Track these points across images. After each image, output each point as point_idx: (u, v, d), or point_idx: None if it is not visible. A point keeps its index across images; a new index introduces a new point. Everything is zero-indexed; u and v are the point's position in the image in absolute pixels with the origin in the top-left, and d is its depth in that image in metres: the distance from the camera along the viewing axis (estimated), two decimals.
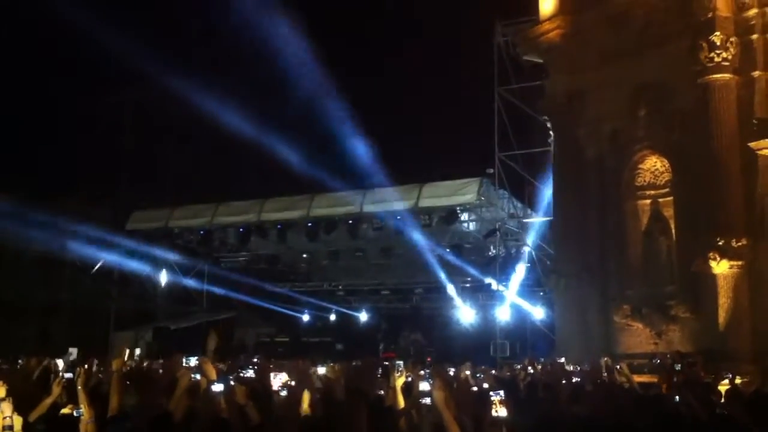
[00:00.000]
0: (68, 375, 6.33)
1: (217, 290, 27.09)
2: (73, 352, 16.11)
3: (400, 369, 6.78)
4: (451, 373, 10.24)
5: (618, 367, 11.15)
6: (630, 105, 18.21)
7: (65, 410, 6.00)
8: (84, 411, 5.65)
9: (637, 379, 11.14)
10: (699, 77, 16.44)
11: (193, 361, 5.60)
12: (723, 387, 10.05)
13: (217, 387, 6.36)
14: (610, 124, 18.93)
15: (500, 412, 5.54)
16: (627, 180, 18.63)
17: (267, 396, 6.80)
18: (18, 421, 5.35)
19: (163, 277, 27.30)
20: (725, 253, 15.57)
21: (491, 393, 5.97)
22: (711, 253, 15.60)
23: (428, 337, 30.21)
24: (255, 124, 22.89)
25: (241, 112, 22.94)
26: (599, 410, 7.24)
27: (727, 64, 16.19)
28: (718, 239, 15.63)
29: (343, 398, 6.24)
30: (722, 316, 15.52)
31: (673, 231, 17.88)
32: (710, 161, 16.18)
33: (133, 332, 26.45)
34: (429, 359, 24.46)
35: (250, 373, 9.76)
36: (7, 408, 5.42)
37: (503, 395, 5.67)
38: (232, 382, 5.96)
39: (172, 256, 27.43)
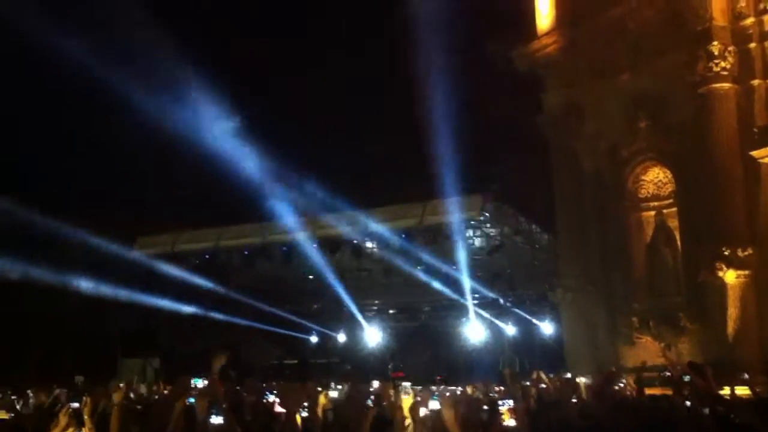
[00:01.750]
0: (75, 404, 6.33)
1: (224, 315, 27.03)
2: (79, 380, 16.09)
3: (408, 391, 6.80)
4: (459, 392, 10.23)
5: (624, 381, 11.10)
6: (629, 117, 18.23)
7: (66, 418, 6.02)
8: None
9: (648, 391, 11.09)
10: (698, 87, 16.47)
11: (200, 383, 5.57)
12: (740, 391, 9.99)
13: (216, 419, 6.33)
14: (608, 138, 18.94)
15: (508, 421, 5.54)
16: (629, 192, 18.63)
17: (270, 420, 6.77)
18: None
19: (170, 302, 27.26)
20: (731, 263, 15.55)
21: (500, 402, 5.98)
22: (717, 263, 15.58)
23: (437, 355, 30.12)
24: (255, 144, 22.99)
25: (242, 131, 23.08)
26: (606, 421, 7.21)
27: (725, 73, 16.22)
28: (723, 249, 15.60)
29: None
30: (731, 326, 15.47)
31: (679, 242, 17.85)
32: (712, 171, 16.19)
33: (140, 359, 26.43)
34: (439, 378, 24.37)
35: (271, 398, 9.67)
36: None
37: (512, 405, 5.68)
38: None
39: (178, 281, 27.40)
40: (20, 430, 5.86)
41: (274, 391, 9.94)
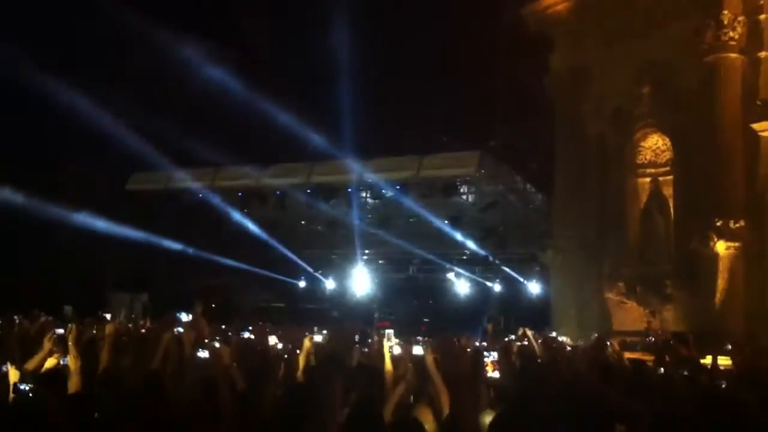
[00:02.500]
0: (60, 331, 6.35)
1: (215, 255, 27.08)
2: (68, 309, 16.16)
3: (390, 337, 6.91)
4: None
5: (609, 344, 11.18)
6: (634, 83, 18.12)
7: (51, 360, 6.06)
8: (70, 361, 5.72)
9: (628, 356, 11.19)
10: (705, 56, 16.34)
11: (185, 317, 5.59)
12: (722, 361, 10.11)
13: (202, 353, 6.38)
14: (613, 102, 18.86)
15: (492, 373, 5.61)
16: (628, 157, 18.60)
17: (263, 358, 6.81)
18: (14, 375, 5.39)
19: (162, 240, 27.29)
20: (723, 234, 15.60)
21: (485, 354, 6.05)
22: (709, 234, 15.63)
23: (423, 308, 30.35)
24: (256, 89, 22.76)
25: (242, 75, 22.81)
26: (589, 381, 7.27)
27: (734, 43, 16.09)
28: (716, 220, 15.64)
29: (318, 364, 6.29)
30: (717, 296, 15.58)
31: (672, 210, 17.89)
32: (712, 141, 16.14)
33: (129, 294, 26.53)
34: (423, 329, 24.59)
35: (246, 335, 9.81)
36: None
37: (496, 357, 5.74)
38: (217, 344, 5.99)
39: (171, 219, 27.40)
40: (5, 354, 5.88)
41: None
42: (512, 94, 23.99)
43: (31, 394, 4.83)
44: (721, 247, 15.60)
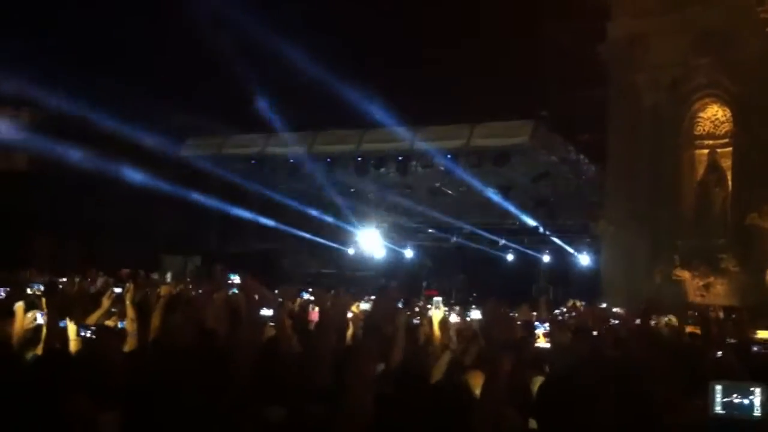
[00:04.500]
0: (117, 290, 6.52)
1: (266, 220, 27.41)
2: (124, 273, 16.51)
3: (439, 305, 6.94)
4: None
5: (667, 318, 11.05)
6: (693, 52, 17.73)
7: (109, 322, 6.22)
8: (127, 324, 5.87)
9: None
10: (766, 25, 15.88)
11: (236, 279, 5.68)
12: None
13: (267, 312, 6.50)
14: (670, 71, 18.48)
15: (543, 344, 5.61)
16: (685, 128, 18.26)
17: (305, 324, 6.91)
18: (72, 330, 5.56)
19: (215, 204, 27.72)
20: None
21: (537, 324, 6.04)
22: (766, 207, 15.30)
23: (471, 278, 30.33)
24: (306, 55, 22.77)
25: (293, 43, 22.82)
26: (634, 356, 7.21)
27: None
28: None
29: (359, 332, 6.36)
30: None
31: (730, 183, 17.52)
32: None
33: (182, 256, 27.04)
34: (472, 298, 24.61)
35: (306, 296, 10.01)
36: (38, 315, 5.65)
37: (548, 329, 5.73)
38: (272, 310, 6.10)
39: (224, 183, 27.77)
40: (66, 310, 6.06)
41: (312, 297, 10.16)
42: (566, 63, 23.60)
43: (93, 337, 4.96)
44: None
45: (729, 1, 16.83)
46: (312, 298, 9.39)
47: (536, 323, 6.40)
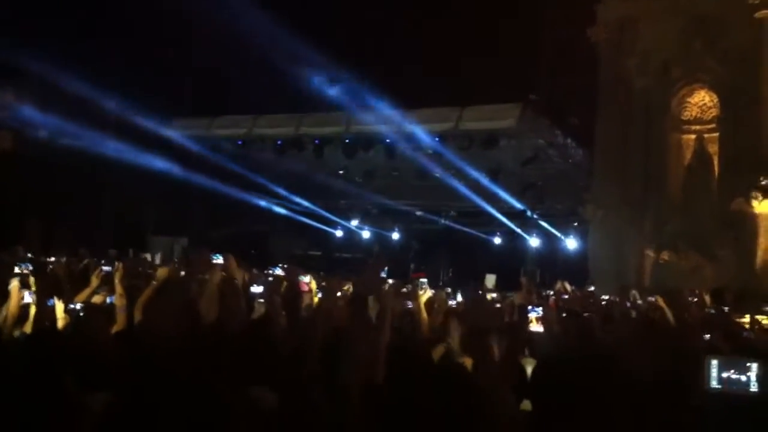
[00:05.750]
0: (106, 268, 6.48)
1: (253, 201, 27.33)
2: (113, 253, 16.46)
3: (424, 286, 6.95)
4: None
5: (652, 299, 11.08)
6: (684, 37, 17.73)
7: (97, 297, 6.20)
8: (116, 299, 5.86)
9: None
10: (755, 12, 15.91)
11: (219, 260, 5.63)
12: (760, 318, 10.02)
13: (257, 288, 6.49)
14: (661, 56, 18.48)
15: (536, 327, 5.62)
16: (673, 113, 18.30)
17: (295, 299, 6.86)
18: (60, 307, 5.54)
19: (201, 185, 27.61)
20: (767, 193, 15.34)
21: (530, 308, 6.05)
22: (753, 193, 15.40)
23: (459, 260, 30.36)
24: (295, 36, 22.63)
25: (282, 22, 22.67)
26: (623, 338, 7.25)
27: None
28: (761, 178, 15.38)
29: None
30: (759, 255, 15.40)
31: (716, 168, 17.60)
32: (760, 98, 15.78)
33: (170, 237, 26.93)
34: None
35: (278, 271, 10.00)
36: (26, 295, 5.62)
37: (541, 312, 5.74)
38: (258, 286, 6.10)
39: (212, 164, 27.65)
40: (54, 289, 6.03)
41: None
42: (555, 47, 23.57)
43: (82, 314, 4.94)
44: (764, 205, 15.37)
45: None
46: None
47: (530, 308, 6.40)
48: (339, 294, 7.50)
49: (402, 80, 23.20)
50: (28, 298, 5.58)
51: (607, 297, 14.03)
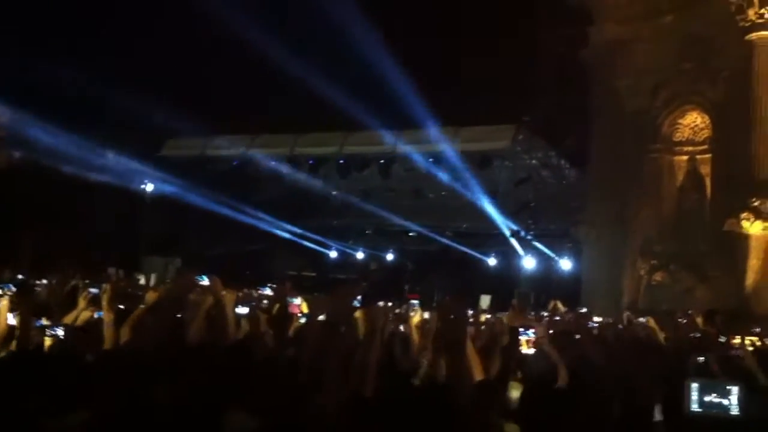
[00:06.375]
0: (93, 290, 6.46)
1: (248, 221, 27.32)
2: (112, 271, 16.35)
3: (415, 308, 6.97)
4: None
5: (643, 320, 11.05)
6: (675, 59, 17.85)
7: (86, 312, 6.18)
8: (105, 315, 5.85)
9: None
10: (746, 34, 16.02)
11: (205, 281, 5.60)
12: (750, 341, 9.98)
13: (242, 310, 6.46)
14: (653, 78, 18.58)
15: (527, 350, 5.61)
16: (665, 134, 18.37)
17: (284, 320, 6.84)
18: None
19: (196, 205, 27.62)
20: (759, 214, 15.38)
21: (521, 330, 6.04)
22: (745, 214, 15.42)
23: (453, 280, 30.31)
24: (291, 57, 22.73)
25: (278, 43, 22.78)
26: (616, 360, 7.22)
27: None
28: (753, 200, 15.40)
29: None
30: (750, 276, 15.39)
31: (708, 189, 17.65)
32: (752, 120, 15.84)
33: (163, 258, 26.87)
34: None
35: (267, 291, 10.01)
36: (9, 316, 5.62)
37: (532, 335, 5.73)
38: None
39: (206, 185, 27.69)
40: (41, 310, 6.01)
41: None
42: (549, 69, 23.69)
43: (62, 337, 4.93)
44: (757, 227, 15.38)
45: (710, 9, 16.96)
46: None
47: (521, 329, 6.38)
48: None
49: (397, 101, 23.26)
50: (12, 320, 5.56)
51: (600, 319, 14.02)
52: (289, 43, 23.21)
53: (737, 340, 10.12)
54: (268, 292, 10.11)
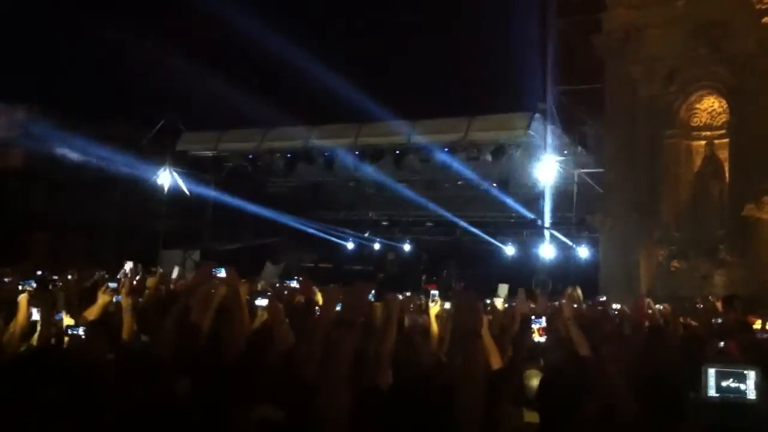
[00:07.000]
0: (112, 284, 6.51)
1: (264, 214, 27.39)
2: (128, 265, 16.45)
3: (435, 298, 6.92)
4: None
5: (660, 307, 11.01)
6: (690, 44, 17.69)
7: (105, 296, 6.25)
8: (123, 300, 5.93)
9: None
10: (762, 17, 15.86)
11: (222, 273, 5.63)
12: None
13: (261, 301, 6.48)
14: (667, 63, 18.43)
15: (538, 338, 5.58)
16: (682, 119, 18.22)
17: (311, 311, 6.84)
18: (69, 322, 5.60)
19: (212, 200, 27.74)
20: None
21: (533, 319, 6.02)
22: (763, 198, 15.30)
23: (470, 270, 30.26)
24: (304, 48, 22.75)
25: (291, 36, 22.80)
26: (640, 346, 7.17)
27: None
28: None
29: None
30: None
31: (726, 174, 17.51)
32: None
33: (181, 251, 27.00)
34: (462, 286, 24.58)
35: (293, 284, 10.03)
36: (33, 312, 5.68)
37: (544, 323, 5.70)
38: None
39: (221, 179, 27.80)
40: (62, 305, 6.08)
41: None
42: (564, 56, 23.53)
43: (83, 336, 4.97)
44: None
45: None
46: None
47: (533, 318, 6.35)
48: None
49: (410, 91, 23.24)
50: (35, 315, 5.63)
51: (618, 306, 13.97)
52: (299, 33, 23.25)
53: (758, 324, 10.04)
54: (294, 284, 10.12)
